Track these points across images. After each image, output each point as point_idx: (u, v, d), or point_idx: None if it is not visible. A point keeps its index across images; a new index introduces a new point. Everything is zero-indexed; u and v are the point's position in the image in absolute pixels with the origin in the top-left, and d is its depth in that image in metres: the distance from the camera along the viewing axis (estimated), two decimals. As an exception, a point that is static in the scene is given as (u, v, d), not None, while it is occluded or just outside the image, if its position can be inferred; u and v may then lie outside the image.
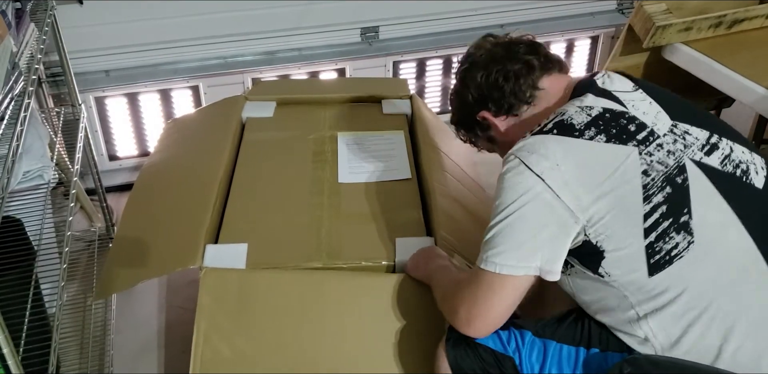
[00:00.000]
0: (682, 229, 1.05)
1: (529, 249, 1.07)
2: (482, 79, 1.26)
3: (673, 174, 1.08)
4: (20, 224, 1.54)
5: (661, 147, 1.10)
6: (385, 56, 2.53)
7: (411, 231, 1.56)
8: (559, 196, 1.05)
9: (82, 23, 2.17)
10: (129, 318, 1.97)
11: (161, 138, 2.07)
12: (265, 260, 1.47)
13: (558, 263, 1.08)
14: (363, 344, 1.41)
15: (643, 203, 1.05)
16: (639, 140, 1.10)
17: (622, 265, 1.07)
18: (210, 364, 1.38)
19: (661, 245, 1.05)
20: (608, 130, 1.10)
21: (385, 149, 1.83)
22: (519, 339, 1.19)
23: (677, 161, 1.09)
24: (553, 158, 1.07)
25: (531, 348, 1.18)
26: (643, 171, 1.07)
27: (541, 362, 1.17)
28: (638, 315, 1.08)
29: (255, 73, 2.42)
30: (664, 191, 1.06)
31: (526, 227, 1.07)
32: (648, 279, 1.05)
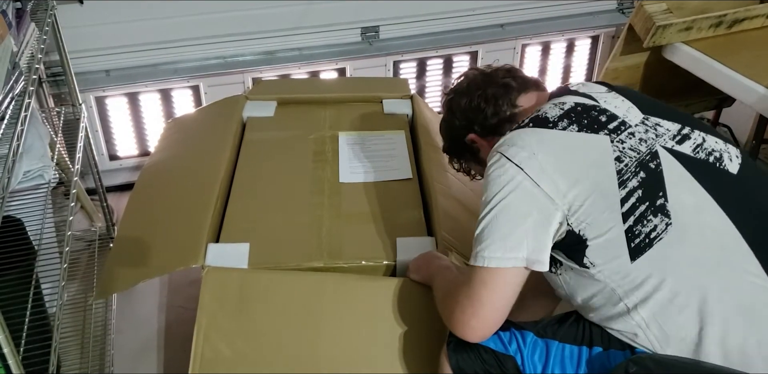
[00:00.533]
0: (659, 212, 1.07)
1: (515, 240, 1.09)
2: (466, 104, 1.36)
3: (646, 160, 1.11)
4: (21, 223, 1.54)
5: (632, 135, 1.14)
6: (386, 56, 2.52)
7: (412, 231, 1.56)
8: (538, 183, 1.09)
9: (83, 23, 2.17)
10: (129, 317, 1.97)
11: (162, 137, 2.07)
12: (266, 259, 1.47)
13: (544, 253, 1.10)
14: (363, 345, 1.41)
15: (619, 188, 1.08)
16: (610, 129, 1.14)
17: (605, 252, 1.09)
18: (210, 364, 1.38)
19: (640, 228, 1.07)
20: (580, 121, 1.15)
21: (385, 148, 1.83)
22: (520, 340, 1.19)
23: (649, 148, 1.12)
24: (529, 148, 1.12)
25: (533, 348, 1.19)
26: (615, 158, 1.10)
27: (544, 362, 1.17)
28: (628, 308, 1.09)
29: (255, 73, 2.42)
30: (638, 176, 1.09)
31: (510, 218, 1.09)
32: (631, 265, 1.07)
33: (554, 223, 1.09)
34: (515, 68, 1.39)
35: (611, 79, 2.35)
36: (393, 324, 1.41)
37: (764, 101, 1.90)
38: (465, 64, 2.65)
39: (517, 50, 2.67)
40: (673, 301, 1.06)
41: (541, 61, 2.77)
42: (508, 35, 2.64)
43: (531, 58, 2.74)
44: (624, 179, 1.09)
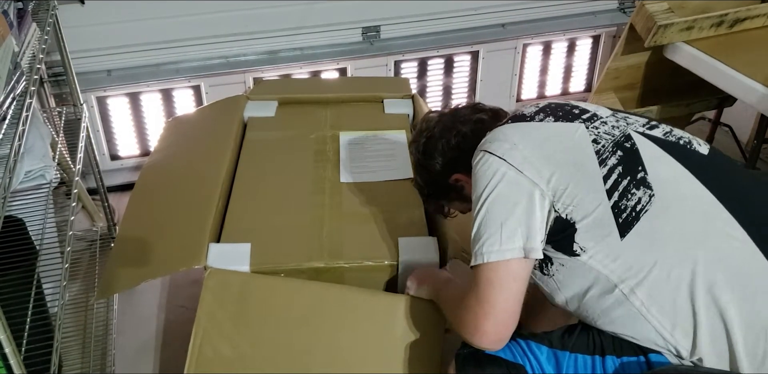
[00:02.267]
0: (641, 184, 1.10)
1: (509, 230, 1.10)
2: (444, 146, 1.36)
3: (621, 141, 1.16)
4: (22, 223, 1.54)
5: (605, 123, 1.20)
6: (387, 56, 2.52)
7: (413, 231, 1.56)
8: (522, 171, 1.11)
9: (84, 23, 2.17)
10: (131, 317, 1.97)
11: (162, 137, 2.07)
12: (267, 259, 1.47)
13: (537, 239, 1.10)
14: (361, 351, 1.41)
15: (600, 166, 1.12)
16: (584, 119, 1.20)
17: (594, 233, 1.09)
18: (206, 364, 1.38)
19: (626, 202, 1.09)
20: (555, 113, 1.21)
21: (386, 148, 1.83)
22: (529, 352, 1.18)
23: (622, 132, 1.18)
24: (511, 140, 1.16)
25: (545, 359, 1.17)
26: (592, 140, 1.15)
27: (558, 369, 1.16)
28: (625, 294, 1.09)
29: (257, 73, 2.42)
30: (616, 154, 1.13)
31: (500, 209, 1.11)
32: (621, 243, 1.08)
33: (543, 208, 1.11)
34: (477, 102, 1.42)
35: (612, 79, 2.35)
36: (391, 329, 1.41)
37: (765, 101, 1.90)
38: (466, 64, 2.65)
39: (518, 50, 2.67)
40: (669, 277, 1.06)
41: (542, 60, 2.77)
42: (509, 35, 2.64)
43: (532, 57, 2.74)
44: (603, 158, 1.13)
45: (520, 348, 1.19)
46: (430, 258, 1.48)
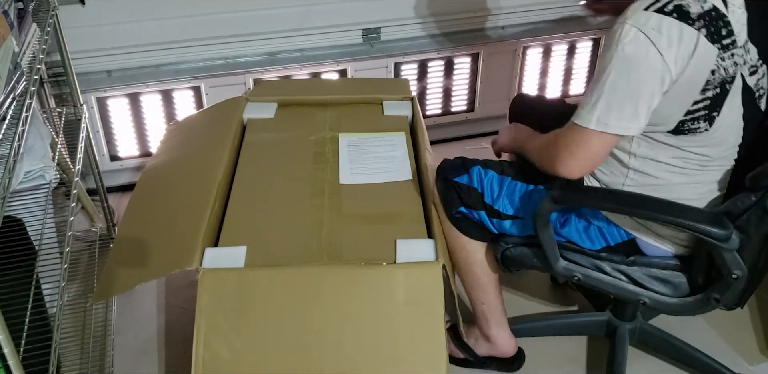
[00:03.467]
0: (708, 120, 1.32)
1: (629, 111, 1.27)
2: None
3: (727, 81, 1.31)
4: (21, 224, 1.54)
5: (732, 57, 1.30)
6: (387, 57, 2.53)
7: (412, 233, 1.56)
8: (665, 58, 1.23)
9: (84, 23, 2.17)
10: (129, 318, 1.97)
11: (163, 140, 2.07)
12: (265, 261, 1.47)
13: (644, 122, 1.29)
14: (363, 342, 1.41)
15: (700, 93, 1.29)
16: (723, 45, 1.29)
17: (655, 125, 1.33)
18: (212, 364, 1.38)
19: (689, 124, 1.32)
20: (709, 27, 1.27)
21: (386, 150, 1.83)
22: (483, 175, 1.55)
23: (734, 72, 1.31)
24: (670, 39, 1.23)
25: (491, 183, 1.55)
26: (711, 70, 1.28)
27: (497, 193, 1.53)
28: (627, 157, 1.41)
29: (257, 74, 2.42)
30: (715, 90, 1.30)
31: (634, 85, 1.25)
32: (666, 134, 1.34)
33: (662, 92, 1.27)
34: None
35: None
36: (393, 319, 1.41)
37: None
38: (466, 66, 2.66)
39: (519, 52, 2.68)
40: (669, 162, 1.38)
41: (542, 63, 2.77)
42: (509, 37, 2.64)
43: (532, 60, 2.74)
44: (707, 88, 1.29)
45: (476, 174, 1.56)
46: (428, 260, 1.48)
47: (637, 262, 1.47)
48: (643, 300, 1.48)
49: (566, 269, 1.51)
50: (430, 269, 1.45)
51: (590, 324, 1.86)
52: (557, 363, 1.85)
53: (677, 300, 1.47)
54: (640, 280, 1.48)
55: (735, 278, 1.34)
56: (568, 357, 1.86)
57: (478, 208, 1.55)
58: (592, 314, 1.89)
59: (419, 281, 1.44)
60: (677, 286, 1.47)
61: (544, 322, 1.93)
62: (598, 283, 1.51)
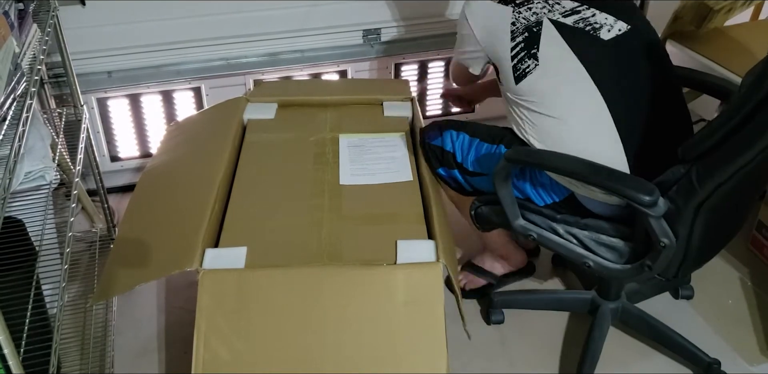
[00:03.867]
0: (532, 57, 1.58)
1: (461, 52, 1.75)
2: None
3: (531, 25, 1.59)
4: (22, 224, 1.54)
5: (529, 10, 1.61)
6: (387, 58, 2.53)
7: (412, 233, 1.56)
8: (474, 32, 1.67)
9: (85, 24, 2.17)
10: (130, 318, 1.97)
11: (163, 140, 2.07)
12: (266, 261, 1.48)
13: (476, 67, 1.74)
14: (364, 342, 1.42)
15: (511, 41, 1.60)
16: (516, 4, 1.62)
17: (504, 76, 1.64)
18: (212, 364, 1.38)
19: (520, 65, 1.59)
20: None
21: (386, 150, 1.83)
22: (455, 138, 1.75)
23: (537, 19, 1.59)
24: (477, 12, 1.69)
25: (462, 144, 1.74)
26: (511, 23, 1.61)
27: (467, 152, 1.73)
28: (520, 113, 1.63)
29: (257, 75, 2.42)
30: (523, 35, 1.59)
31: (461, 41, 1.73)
32: (516, 86, 1.60)
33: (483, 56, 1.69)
34: None
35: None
36: (393, 318, 1.41)
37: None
38: (466, 67, 2.65)
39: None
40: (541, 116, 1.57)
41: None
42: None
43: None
44: (514, 36, 1.60)
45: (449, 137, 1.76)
46: (429, 261, 1.48)
47: (590, 225, 1.56)
48: (588, 263, 1.57)
49: (523, 227, 1.62)
50: (431, 270, 1.45)
51: (575, 301, 1.96)
52: (539, 339, 1.92)
53: (618, 266, 1.55)
54: (588, 245, 1.57)
55: (663, 246, 1.42)
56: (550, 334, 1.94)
57: (452, 167, 1.75)
58: (578, 291, 2.01)
59: (419, 281, 1.44)
60: (621, 254, 1.54)
61: (531, 296, 2.03)
62: (550, 243, 1.61)
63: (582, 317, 1.91)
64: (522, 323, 1.95)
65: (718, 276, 2.13)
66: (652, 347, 1.88)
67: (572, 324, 1.95)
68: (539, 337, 1.92)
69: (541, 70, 1.57)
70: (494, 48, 1.64)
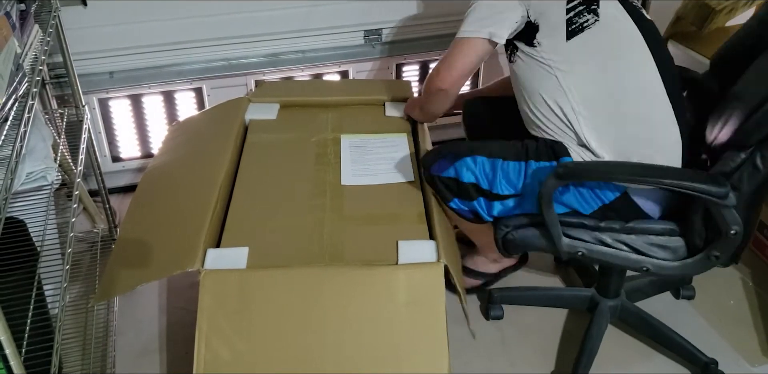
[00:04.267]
0: (591, 12, 1.51)
1: (487, 21, 1.55)
2: None
3: None
4: (23, 225, 1.54)
5: None
6: (389, 58, 2.53)
7: (413, 234, 1.56)
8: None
9: (86, 25, 2.17)
10: (131, 319, 1.97)
11: (165, 140, 2.07)
12: (267, 262, 1.48)
13: (503, 31, 1.55)
14: (365, 342, 1.42)
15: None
16: None
17: (549, 33, 1.51)
18: (214, 364, 1.38)
19: (577, 19, 1.50)
20: None
21: (388, 151, 1.83)
22: (474, 165, 1.58)
23: None
24: None
25: (483, 169, 1.57)
26: None
27: (492, 176, 1.56)
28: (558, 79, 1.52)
29: (258, 75, 2.42)
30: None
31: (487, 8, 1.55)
32: (566, 44, 1.51)
33: (518, 15, 1.53)
34: None
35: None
36: (394, 319, 1.42)
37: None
38: (468, 67, 2.65)
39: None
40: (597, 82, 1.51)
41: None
42: (510, 38, 2.63)
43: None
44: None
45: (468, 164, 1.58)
46: (430, 261, 1.48)
47: (636, 229, 1.53)
48: (645, 267, 1.54)
49: (570, 245, 1.55)
50: (432, 270, 1.45)
51: (574, 298, 1.96)
52: (539, 339, 1.92)
53: (678, 263, 1.54)
54: (640, 248, 1.54)
55: (734, 234, 1.41)
56: (551, 334, 1.94)
57: (471, 198, 1.60)
58: (578, 289, 2.02)
59: (421, 282, 1.44)
60: (675, 250, 1.53)
61: (531, 292, 2.03)
62: (601, 256, 1.56)
63: (584, 316, 1.91)
64: (523, 323, 1.95)
65: (719, 277, 2.13)
66: (650, 347, 1.88)
67: (573, 324, 1.95)
68: (540, 337, 1.91)
69: (601, 26, 1.50)
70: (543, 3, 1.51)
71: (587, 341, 1.77)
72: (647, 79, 1.52)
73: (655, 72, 1.52)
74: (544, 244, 1.57)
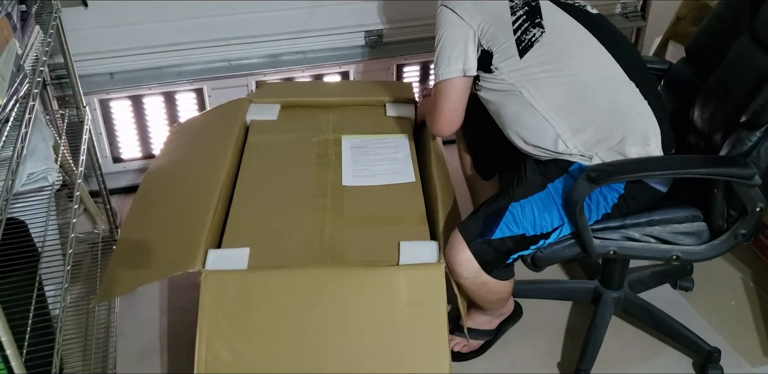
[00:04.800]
0: (536, 26, 1.57)
1: (454, 58, 1.59)
2: None
3: (529, 1, 1.60)
4: (24, 225, 1.54)
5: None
6: (389, 59, 2.53)
7: (415, 235, 1.56)
8: (463, 18, 1.58)
9: (87, 26, 2.18)
10: (132, 320, 1.97)
11: (166, 141, 2.07)
12: (268, 262, 1.48)
13: (472, 63, 1.60)
14: (366, 343, 1.42)
15: (511, 15, 1.58)
16: None
17: (503, 56, 1.57)
18: (214, 365, 1.38)
19: (525, 36, 1.57)
20: None
21: (389, 152, 1.83)
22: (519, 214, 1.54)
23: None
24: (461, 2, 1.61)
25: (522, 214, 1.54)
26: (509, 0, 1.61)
27: (533, 216, 1.54)
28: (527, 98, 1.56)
29: (259, 76, 2.42)
30: (524, 9, 1.59)
31: (449, 46, 1.60)
32: (520, 61, 1.56)
33: (474, 42, 1.59)
34: None
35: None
36: (395, 319, 1.42)
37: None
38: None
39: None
40: (560, 85, 1.55)
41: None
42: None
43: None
44: (514, 11, 1.59)
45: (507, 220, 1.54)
46: (431, 262, 1.48)
47: (658, 220, 1.59)
48: (675, 255, 1.58)
49: (601, 246, 1.58)
50: (433, 270, 1.45)
51: (578, 290, 1.98)
52: (541, 340, 1.92)
53: (705, 246, 1.58)
54: (666, 238, 1.59)
55: (759, 211, 1.48)
56: (552, 335, 1.94)
57: (525, 248, 1.57)
58: (581, 281, 2.04)
59: (422, 282, 1.44)
60: (700, 234, 1.58)
61: (534, 285, 2.02)
62: (631, 251, 1.60)
63: (584, 317, 1.91)
64: (524, 321, 1.94)
65: (720, 277, 2.13)
66: (653, 347, 1.88)
67: (575, 324, 1.95)
68: (541, 338, 1.91)
69: (548, 37, 1.56)
70: (491, 26, 1.58)
71: (592, 332, 1.78)
72: (605, 69, 1.57)
73: (611, 60, 1.57)
74: (574, 252, 1.59)
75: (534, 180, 1.58)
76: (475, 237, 1.52)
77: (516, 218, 1.54)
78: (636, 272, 1.99)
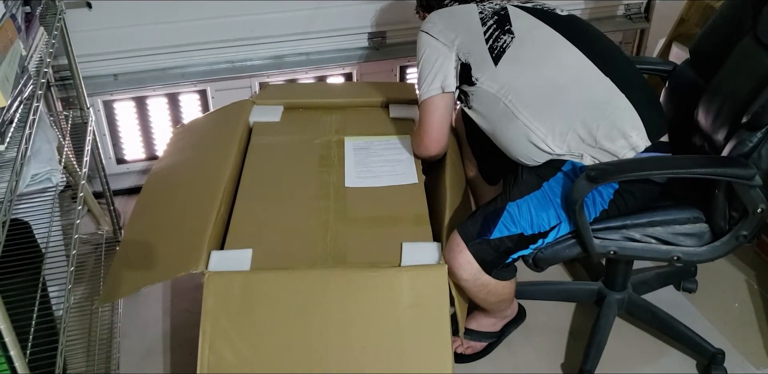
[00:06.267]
0: (506, 33, 1.63)
1: (431, 77, 1.66)
2: None
3: (497, 10, 1.67)
4: (28, 226, 1.55)
5: (491, 2, 1.71)
6: (392, 61, 2.53)
7: (417, 236, 1.56)
8: (438, 38, 1.66)
9: (91, 27, 2.18)
10: (135, 320, 1.97)
11: (170, 143, 2.08)
12: (271, 264, 1.48)
13: (450, 79, 1.66)
14: (368, 345, 1.42)
15: (482, 26, 1.65)
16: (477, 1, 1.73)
17: (480, 66, 1.62)
18: (217, 366, 1.38)
19: (496, 44, 1.62)
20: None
21: (392, 153, 1.83)
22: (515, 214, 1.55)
23: (501, 6, 1.69)
24: (433, 21, 1.70)
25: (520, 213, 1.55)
26: (479, 12, 1.68)
27: (530, 215, 1.55)
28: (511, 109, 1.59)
29: (262, 78, 2.43)
30: (493, 18, 1.65)
31: (427, 66, 1.67)
32: (495, 68, 1.61)
33: (452, 59, 1.66)
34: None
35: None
36: (397, 320, 1.41)
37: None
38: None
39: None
40: (533, 85, 1.58)
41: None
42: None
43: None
44: (484, 21, 1.65)
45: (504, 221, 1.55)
46: (433, 263, 1.48)
47: (661, 222, 1.58)
48: (676, 256, 1.58)
49: (601, 246, 1.58)
50: (436, 272, 1.45)
51: (582, 291, 1.99)
52: (543, 342, 1.92)
53: (707, 247, 1.58)
54: (667, 239, 1.58)
55: (761, 212, 1.47)
56: (555, 337, 1.95)
57: (524, 247, 1.57)
58: (585, 282, 2.03)
59: (424, 284, 1.44)
60: (701, 236, 1.58)
61: (538, 287, 2.02)
62: (632, 251, 1.59)
63: (588, 319, 1.91)
64: (527, 323, 1.95)
65: (723, 279, 2.12)
66: (657, 348, 1.87)
67: (578, 326, 1.95)
68: (544, 339, 1.91)
69: (519, 41, 1.60)
70: (465, 39, 1.64)
71: (595, 334, 1.79)
72: (578, 67, 1.60)
73: (582, 58, 1.59)
74: (575, 252, 1.60)
75: (530, 180, 1.60)
76: (473, 238, 1.53)
77: (513, 218, 1.55)
78: (639, 274, 1.99)
